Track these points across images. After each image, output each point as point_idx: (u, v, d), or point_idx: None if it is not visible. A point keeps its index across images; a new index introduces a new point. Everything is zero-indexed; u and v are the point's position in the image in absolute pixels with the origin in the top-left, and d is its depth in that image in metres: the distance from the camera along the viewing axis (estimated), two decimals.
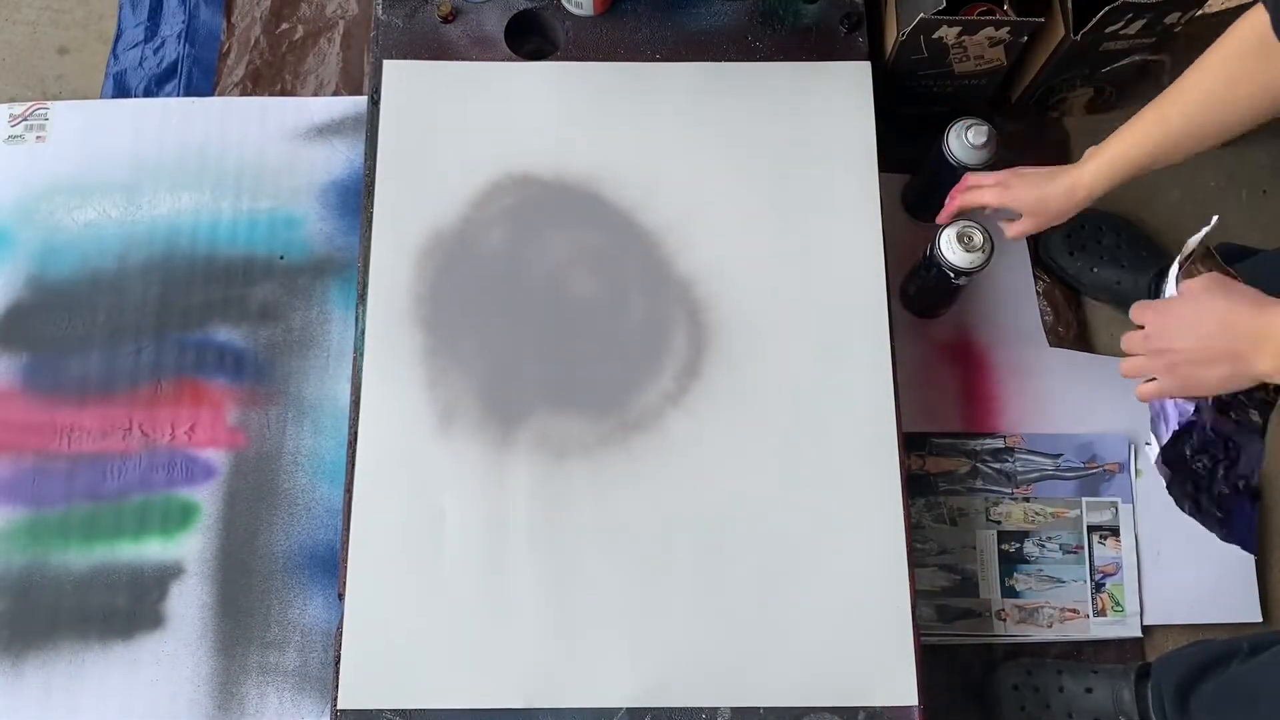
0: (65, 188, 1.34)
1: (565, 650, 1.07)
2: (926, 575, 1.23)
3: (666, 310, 1.17)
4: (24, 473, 1.23)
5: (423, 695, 1.05)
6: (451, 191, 1.20)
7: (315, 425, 1.25)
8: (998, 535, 1.25)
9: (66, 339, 1.28)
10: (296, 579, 1.20)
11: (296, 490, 1.23)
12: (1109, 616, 1.23)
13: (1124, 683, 1.13)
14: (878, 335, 1.15)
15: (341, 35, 1.45)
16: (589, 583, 1.08)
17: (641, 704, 1.05)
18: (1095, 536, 1.26)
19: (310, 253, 1.31)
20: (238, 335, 1.28)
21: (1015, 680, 1.18)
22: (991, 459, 1.27)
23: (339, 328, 1.28)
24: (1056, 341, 1.33)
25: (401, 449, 1.12)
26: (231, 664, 1.17)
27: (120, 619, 1.18)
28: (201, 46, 1.44)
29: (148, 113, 1.38)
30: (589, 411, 1.14)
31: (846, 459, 1.12)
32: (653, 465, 1.12)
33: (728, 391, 1.14)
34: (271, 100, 1.40)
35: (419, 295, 1.17)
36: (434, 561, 1.09)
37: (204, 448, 1.24)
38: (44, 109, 1.37)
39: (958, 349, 1.32)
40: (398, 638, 1.07)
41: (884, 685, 1.06)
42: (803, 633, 1.07)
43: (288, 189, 1.34)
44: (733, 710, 1.05)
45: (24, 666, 1.17)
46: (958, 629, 1.22)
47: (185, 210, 1.33)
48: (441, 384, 1.14)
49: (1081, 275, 1.34)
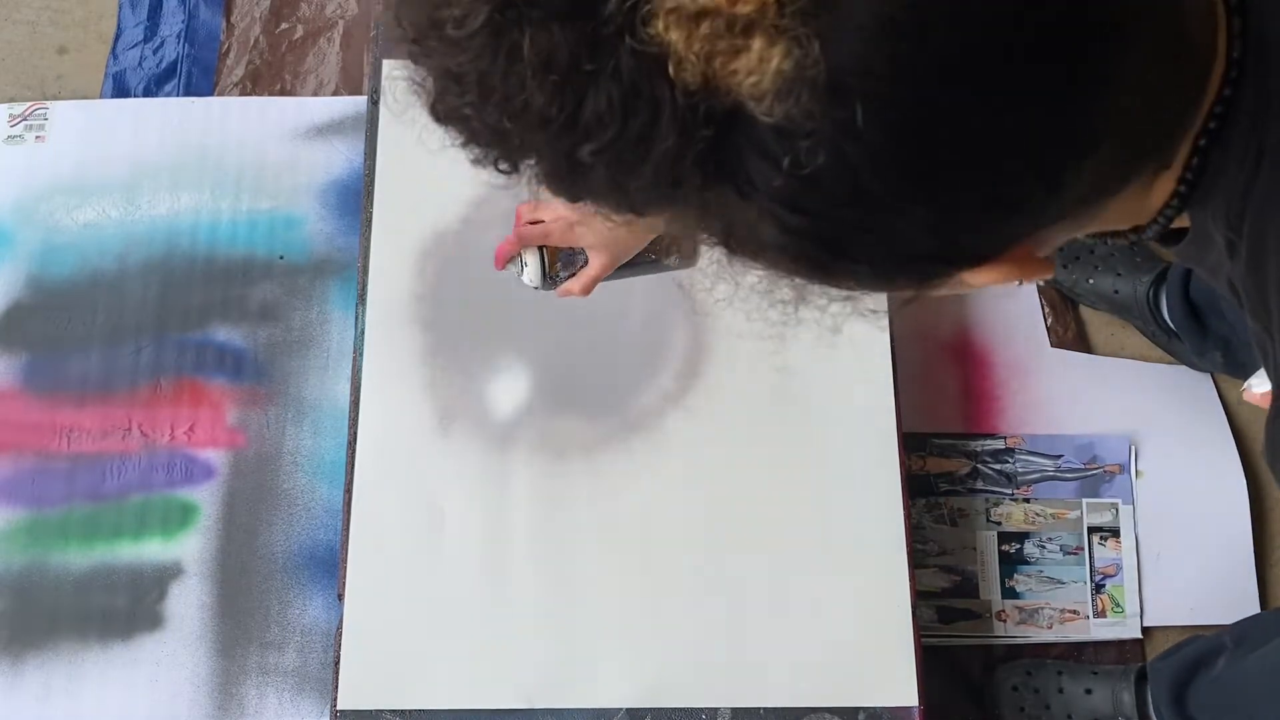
0: (65, 188, 1.33)
1: (565, 650, 1.07)
2: (927, 576, 1.23)
3: (666, 310, 1.16)
4: (23, 473, 1.23)
5: (423, 696, 1.05)
6: (451, 191, 1.20)
7: (315, 425, 1.25)
8: (998, 536, 1.25)
9: (66, 339, 1.28)
10: (296, 579, 1.20)
11: (296, 490, 1.23)
12: (1109, 618, 1.23)
13: (1124, 684, 1.13)
14: (878, 335, 1.15)
15: (341, 35, 1.45)
16: (589, 583, 1.08)
17: (641, 704, 1.05)
18: (1095, 538, 1.25)
19: (310, 253, 1.31)
20: (237, 335, 1.28)
21: (1015, 681, 1.17)
22: (992, 460, 1.27)
23: (339, 328, 1.28)
24: (1057, 341, 1.33)
25: (401, 449, 1.12)
26: (231, 664, 1.17)
27: (120, 619, 1.18)
28: (201, 46, 1.44)
29: (147, 113, 1.38)
30: (589, 411, 1.14)
31: (847, 459, 1.11)
32: (653, 465, 1.12)
33: (728, 391, 1.14)
34: (271, 100, 1.39)
35: (419, 295, 1.17)
36: (434, 562, 1.08)
37: (203, 448, 1.24)
38: (43, 109, 1.37)
39: (958, 349, 1.32)
40: (397, 638, 1.07)
41: (884, 686, 1.05)
42: (803, 633, 1.07)
43: (287, 189, 1.34)
44: (733, 711, 1.05)
45: (23, 667, 1.16)
46: (958, 630, 1.22)
47: (185, 210, 1.33)
48: (441, 384, 1.14)
49: (1077, 286, 1.33)
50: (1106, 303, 1.32)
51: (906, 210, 0.43)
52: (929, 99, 0.40)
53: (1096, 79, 0.42)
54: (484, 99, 0.43)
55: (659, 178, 0.42)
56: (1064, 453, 1.28)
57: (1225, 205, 0.52)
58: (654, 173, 0.42)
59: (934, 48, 0.39)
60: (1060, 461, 1.27)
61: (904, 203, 0.42)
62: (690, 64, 0.39)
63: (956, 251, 0.46)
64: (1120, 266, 1.31)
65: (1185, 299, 1.22)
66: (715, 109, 0.40)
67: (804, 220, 0.43)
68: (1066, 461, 1.27)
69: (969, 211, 0.44)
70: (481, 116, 0.43)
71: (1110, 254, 1.32)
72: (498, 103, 0.42)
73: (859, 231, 0.44)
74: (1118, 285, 1.31)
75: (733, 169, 0.42)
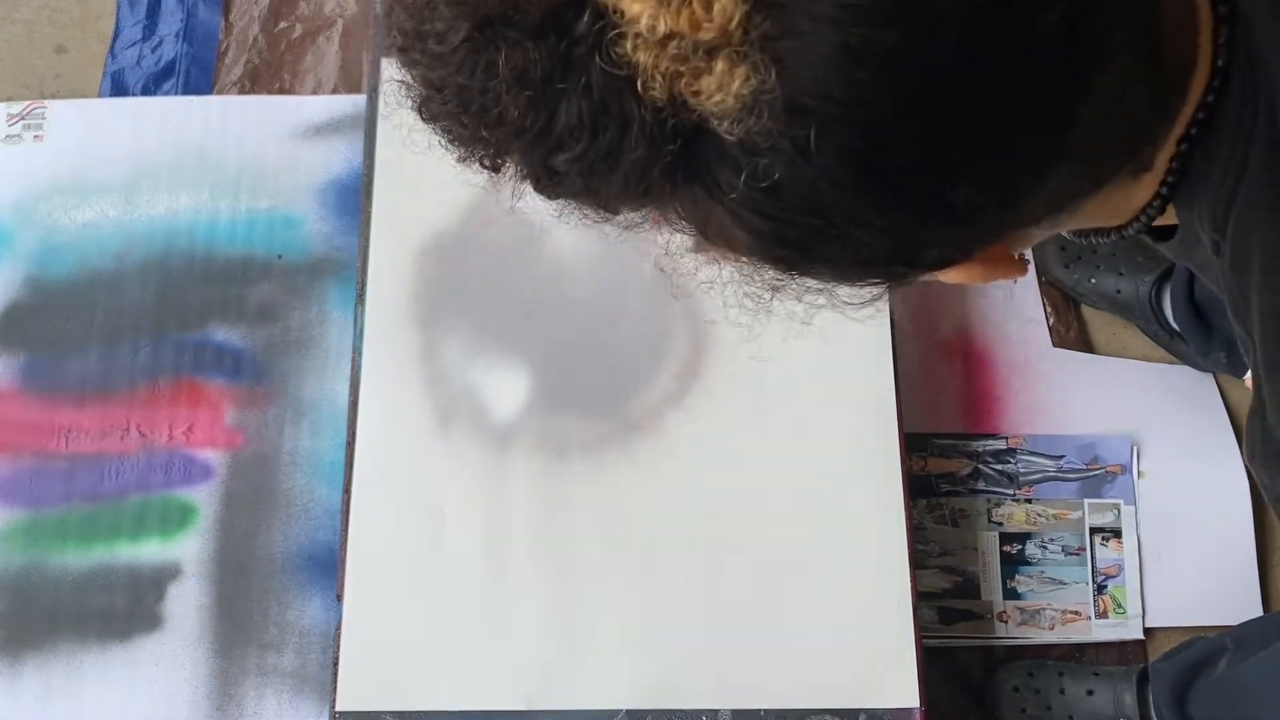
0: (63, 187, 1.33)
1: (565, 651, 1.06)
2: (927, 577, 1.23)
3: (666, 310, 1.16)
4: (21, 473, 1.23)
5: (422, 697, 1.05)
6: (451, 191, 1.20)
7: (314, 425, 1.24)
8: (999, 537, 1.25)
9: (64, 339, 1.27)
10: (295, 580, 1.19)
11: (295, 491, 1.22)
12: (1111, 618, 1.22)
13: (1125, 685, 1.13)
14: (879, 335, 1.14)
15: (340, 34, 1.44)
16: (589, 583, 1.08)
17: (642, 705, 1.05)
18: (1097, 538, 1.25)
19: (309, 252, 1.31)
20: (236, 335, 1.27)
21: (1016, 682, 1.17)
22: (993, 460, 1.27)
23: (338, 328, 1.28)
24: (1058, 341, 1.33)
25: (400, 450, 1.12)
26: (230, 665, 1.17)
27: (118, 620, 1.18)
28: (200, 45, 1.43)
29: (146, 112, 1.37)
30: (589, 411, 1.13)
31: (847, 459, 1.11)
32: (653, 465, 1.11)
33: (728, 391, 1.14)
34: (270, 99, 1.39)
35: (418, 295, 1.17)
36: (433, 562, 1.08)
37: (202, 448, 1.24)
38: (41, 108, 1.37)
39: (959, 349, 1.32)
40: (397, 639, 1.06)
41: (885, 687, 1.05)
42: (803, 634, 1.07)
43: (286, 188, 1.33)
44: (733, 712, 1.05)
45: (22, 668, 1.16)
46: (959, 630, 1.22)
47: (183, 210, 1.32)
48: (441, 384, 1.14)
49: (1079, 286, 1.32)
50: (1108, 303, 1.32)
51: (864, 220, 0.45)
52: (882, 122, 0.42)
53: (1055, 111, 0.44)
54: (463, 109, 0.45)
55: (629, 185, 0.45)
56: (1066, 453, 1.27)
57: (1211, 207, 0.53)
58: (624, 181, 0.44)
59: (890, 76, 0.41)
60: (1062, 462, 1.27)
61: (859, 213, 0.44)
62: (657, 83, 0.42)
63: (918, 258, 0.48)
64: (1122, 266, 1.31)
65: (1190, 300, 1.22)
66: (682, 124, 0.43)
67: (770, 224, 0.45)
68: (1068, 462, 1.27)
69: (926, 224, 0.46)
70: (461, 124, 0.46)
71: (1112, 254, 1.31)
72: (476, 113, 0.45)
73: (822, 238, 0.46)
74: (1120, 285, 1.31)
75: (700, 175, 0.44)
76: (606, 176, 0.44)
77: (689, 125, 0.43)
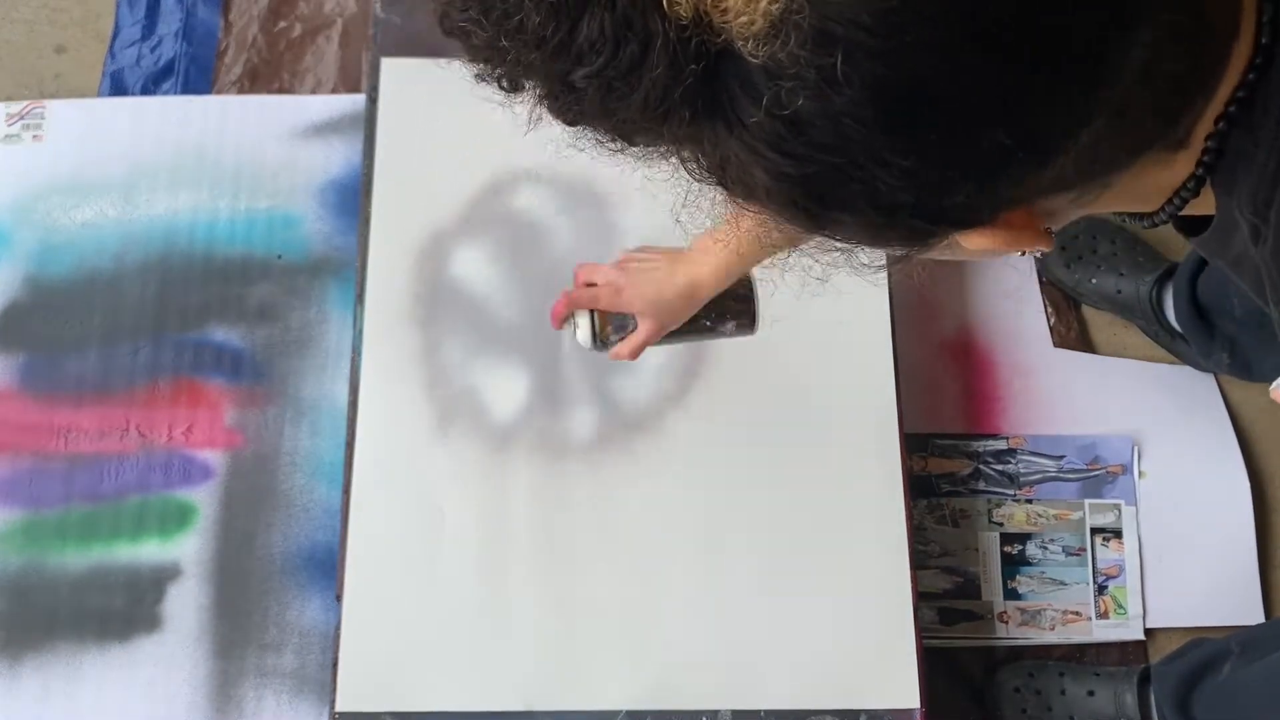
0: (62, 187, 1.33)
1: (565, 652, 1.06)
2: (928, 577, 1.22)
3: None
4: (21, 473, 1.22)
5: (422, 697, 1.05)
6: (450, 191, 1.19)
7: (313, 426, 1.24)
8: (1000, 537, 1.24)
9: (63, 339, 1.27)
10: (294, 580, 1.19)
11: (294, 491, 1.22)
12: (1111, 619, 1.22)
13: (1126, 685, 1.13)
14: (879, 335, 1.14)
15: (340, 33, 1.44)
16: (589, 584, 1.08)
17: (642, 706, 1.05)
18: (1098, 538, 1.25)
19: (308, 252, 1.31)
20: (235, 335, 1.27)
21: (1017, 683, 1.17)
22: (994, 460, 1.27)
23: (337, 328, 1.27)
24: (1059, 341, 1.32)
25: (400, 450, 1.11)
26: (229, 666, 1.16)
27: (117, 621, 1.18)
28: (199, 45, 1.43)
29: (145, 111, 1.37)
30: (589, 411, 1.13)
31: (848, 460, 1.11)
32: (653, 465, 1.11)
33: (728, 391, 1.13)
34: (269, 99, 1.39)
35: (418, 295, 1.17)
36: (433, 563, 1.08)
37: (201, 448, 1.23)
38: (41, 108, 1.37)
39: (960, 349, 1.31)
40: (397, 640, 1.06)
41: (885, 687, 1.05)
42: (804, 635, 1.07)
43: (286, 188, 1.33)
44: (734, 713, 1.05)
45: (21, 669, 1.16)
46: (959, 631, 1.22)
47: (183, 209, 1.32)
48: (440, 384, 1.14)
49: (1080, 286, 1.32)
50: (1109, 303, 1.32)
51: (887, 161, 0.43)
52: (912, 57, 0.40)
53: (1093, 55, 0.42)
54: (484, 14, 0.44)
55: (649, 107, 0.43)
56: (1066, 453, 1.27)
57: (1252, 190, 0.52)
58: (644, 102, 0.43)
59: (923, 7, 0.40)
60: (1063, 462, 1.27)
61: (883, 153, 0.43)
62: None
63: (940, 211, 0.46)
64: (1123, 267, 1.31)
65: (1192, 300, 1.21)
66: (706, 45, 0.41)
67: (790, 163, 0.44)
68: (1069, 462, 1.27)
69: (950, 171, 0.44)
70: (481, 32, 0.45)
71: (1113, 254, 1.31)
72: (497, 20, 0.44)
73: (842, 179, 0.44)
74: (1121, 285, 1.31)
75: (722, 106, 0.43)
76: (626, 96, 0.43)
77: (713, 48, 0.41)
